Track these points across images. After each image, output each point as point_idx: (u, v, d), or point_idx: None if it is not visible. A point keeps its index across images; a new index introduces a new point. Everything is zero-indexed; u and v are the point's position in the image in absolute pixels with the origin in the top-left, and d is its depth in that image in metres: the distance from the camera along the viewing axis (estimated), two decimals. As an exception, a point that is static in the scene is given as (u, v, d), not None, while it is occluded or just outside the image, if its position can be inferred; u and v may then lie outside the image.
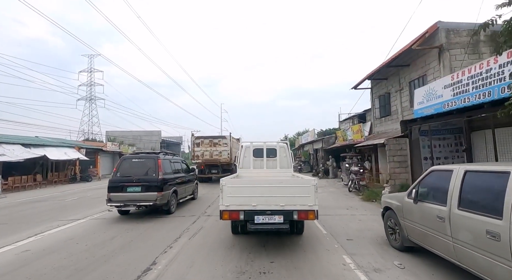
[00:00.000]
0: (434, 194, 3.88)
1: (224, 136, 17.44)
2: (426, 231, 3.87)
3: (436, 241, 3.67)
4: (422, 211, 3.98)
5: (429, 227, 3.80)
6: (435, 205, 3.69)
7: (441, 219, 3.50)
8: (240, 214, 4.64)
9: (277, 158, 7.48)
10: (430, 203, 3.83)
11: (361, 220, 7.16)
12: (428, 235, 3.84)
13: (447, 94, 7.86)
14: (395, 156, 10.07)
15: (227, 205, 4.67)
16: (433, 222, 3.68)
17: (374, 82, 15.67)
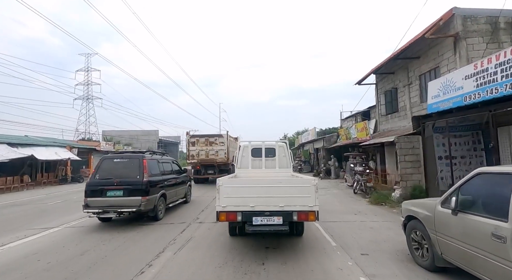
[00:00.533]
0: (485, 204, 3.00)
1: (220, 135, 16.53)
2: (471, 251, 3.00)
3: (487, 266, 2.79)
4: (466, 225, 3.10)
5: (476, 247, 2.92)
6: (488, 219, 2.81)
7: (499, 239, 2.62)
8: (238, 215, 4.48)
9: (276, 157, 7.30)
10: (479, 216, 2.95)
11: (372, 228, 6.28)
12: (474, 257, 2.96)
13: (468, 85, 6.99)
14: (406, 155, 9.19)
15: (224, 206, 4.48)
16: (484, 241, 2.81)
17: (380, 77, 14.79)
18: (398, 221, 6.90)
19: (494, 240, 2.67)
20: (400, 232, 5.83)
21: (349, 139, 15.70)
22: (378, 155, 14.89)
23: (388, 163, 12.30)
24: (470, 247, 3.01)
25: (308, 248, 5.00)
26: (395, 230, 6.06)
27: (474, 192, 3.18)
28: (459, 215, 3.20)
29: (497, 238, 2.64)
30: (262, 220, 4.47)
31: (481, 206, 3.03)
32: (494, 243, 2.67)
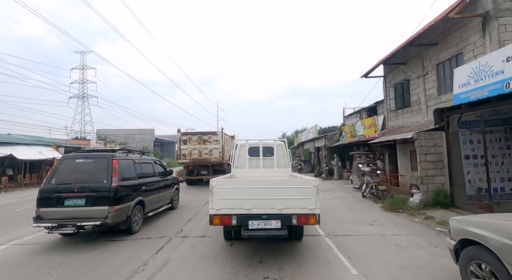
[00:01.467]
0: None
1: (215, 132, 15.21)
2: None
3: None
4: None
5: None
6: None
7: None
8: (233, 218, 4.22)
9: (274, 157, 7.05)
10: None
11: (398, 245, 5.00)
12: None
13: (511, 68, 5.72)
14: (427, 154, 7.92)
15: (218, 208, 4.21)
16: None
17: (389, 68, 13.52)
18: (425, 234, 5.72)
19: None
20: (435, 252, 4.59)
21: (354, 137, 14.43)
22: (386, 154, 13.64)
23: (401, 163, 11.04)
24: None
25: (321, 279, 3.71)
26: (427, 248, 4.80)
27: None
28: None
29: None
30: (259, 224, 4.19)
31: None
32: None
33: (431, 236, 5.54)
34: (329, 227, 6.29)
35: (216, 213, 4.20)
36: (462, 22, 8.68)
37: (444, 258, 4.31)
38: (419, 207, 7.60)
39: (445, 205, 7.45)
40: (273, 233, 4.15)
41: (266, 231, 4.17)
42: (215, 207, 4.21)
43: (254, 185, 4.46)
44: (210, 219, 4.23)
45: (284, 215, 4.20)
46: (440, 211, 7.19)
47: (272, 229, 4.18)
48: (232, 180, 5.25)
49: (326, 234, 5.72)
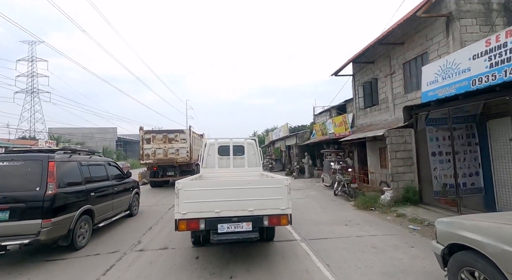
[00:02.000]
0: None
1: (182, 130, 14.21)
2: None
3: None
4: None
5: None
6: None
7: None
8: (200, 223, 4.01)
9: (245, 156, 6.87)
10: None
11: (375, 247, 4.75)
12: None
13: (478, 66, 5.81)
14: (397, 151, 7.97)
15: (184, 212, 3.97)
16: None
17: (358, 67, 13.71)
18: (400, 233, 5.52)
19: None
20: (413, 253, 4.40)
21: (325, 135, 14.46)
22: (355, 152, 13.85)
23: (371, 160, 11.18)
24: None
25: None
26: (404, 249, 4.61)
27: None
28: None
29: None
30: (229, 227, 4.00)
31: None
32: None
33: (405, 235, 5.42)
34: (304, 230, 5.91)
35: (182, 217, 3.93)
36: (427, 22, 8.91)
37: (423, 260, 4.12)
38: (390, 205, 7.60)
39: (415, 201, 7.54)
40: (244, 236, 3.97)
41: (236, 235, 3.98)
42: (181, 211, 3.93)
43: (224, 186, 4.22)
44: (175, 224, 3.95)
45: (255, 217, 4.05)
46: (410, 208, 7.23)
47: (243, 231, 4.01)
48: (200, 181, 4.92)
49: (302, 238, 5.32)
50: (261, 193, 4.15)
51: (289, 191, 4.18)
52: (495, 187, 7.11)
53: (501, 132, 6.81)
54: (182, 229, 3.97)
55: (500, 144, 6.86)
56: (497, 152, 6.99)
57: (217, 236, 3.97)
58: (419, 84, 9.60)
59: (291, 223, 4.23)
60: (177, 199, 3.96)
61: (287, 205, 4.13)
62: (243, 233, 4.01)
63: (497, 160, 7.03)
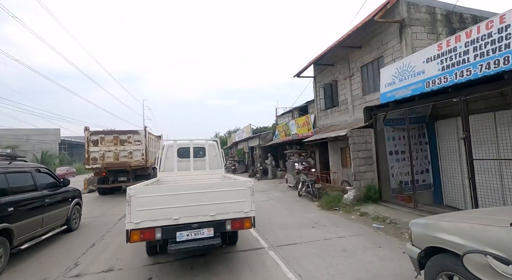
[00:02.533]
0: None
1: (136, 131, 12.91)
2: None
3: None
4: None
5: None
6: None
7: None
8: (157, 232, 3.65)
9: (206, 158, 6.62)
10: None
11: (346, 250, 4.59)
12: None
13: (431, 69, 6.14)
14: (359, 151, 8.14)
15: (137, 222, 3.57)
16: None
17: (319, 69, 14.02)
18: (366, 233, 5.44)
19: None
20: (382, 254, 4.33)
21: (288, 136, 14.48)
22: (317, 153, 14.13)
23: (333, 160, 11.41)
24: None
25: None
26: (373, 250, 4.53)
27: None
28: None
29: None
30: (188, 234, 3.77)
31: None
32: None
33: (371, 234, 5.41)
34: (271, 235, 5.56)
35: (135, 227, 3.57)
36: (382, 27, 9.36)
37: (392, 261, 4.05)
38: (353, 204, 7.71)
39: (375, 199, 7.76)
40: (205, 243, 3.74)
41: (197, 242, 3.74)
42: (133, 220, 3.58)
43: (183, 190, 3.93)
44: (127, 235, 3.58)
45: (217, 222, 3.88)
46: (372, 206, 7.40)
47: (204, 238, 3.80)
48: (155, 186, 4.51)
49: (269, 246, 4.95)
50: (223, 196, 3.97)
51: (252, 193, 4.07)
52: (442, 183, 7.65)
53: (447, 132, 7.34)
54: (135, 240, 3.61)
55: (447, 143, 7.39)
56: (444, 151, 7.53)
57: (176, 245, 3.66)
58: (376, 87, 10.08)
59: (254, 225, 4.11)
60: (129, 207, 3.60)
61: (251, 207, 4.02)
62: (204, 240, 3.79)
63: (444, 158, 7.58)
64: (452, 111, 7.27)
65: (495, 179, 5.85)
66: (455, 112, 7.16)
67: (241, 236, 5.58)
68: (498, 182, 5.83)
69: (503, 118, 5.73)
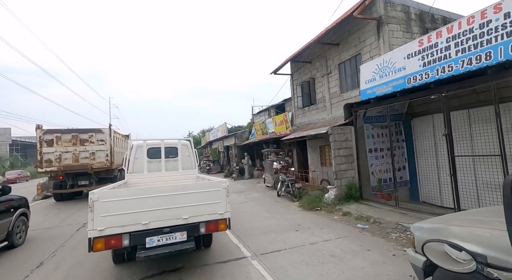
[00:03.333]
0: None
1: (99, 130, 11.66)
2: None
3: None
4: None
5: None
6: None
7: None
8: (124, 238, 3.43)
9: (178, 158, 6.42)
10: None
11: (334, 256, 4.27)
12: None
13: (412, 65, 6.08)
14: (340, 149, 7.97)
15: (102, 229, 3.32)
16: None
17: (296, 67, 13.82)
18: (352, 234, 5.17)
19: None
20: (372, 258, 4.06)
21: (266, 134, 14.13)
22: (294, 151, 13.94)
23: (312, 159, 11.24)
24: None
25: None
26: (363, 254, 4.26)
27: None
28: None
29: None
30: (160, 239, 3.57)
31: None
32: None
33: (357, 236, 5.17)
34: (253, 241, 5.09)
35: (99, 235, 3.32)
36: (360, 24, 9.33)
37: (384, 266, 3.80)
38: (335, 203, 7.51)
39: (356, 198, 7.63)
40: (178, 248, 3.56)
41: (169, 247, 3.55)
42: (97, 227, 3.33)
43: (153, 193, 3.68)
44: (89, 244, 3.32)
45: (190, 225, 3.74)
46: (353, 205, 7.25)
47: (177, 243, 3.63)
48: (122, 190, 4.23)
49: (252, 254, 4.47)
50: (197, 198, 3.84)
51: (227, 194, 4.00)
52: (418, 180, 7.74)
53: (423, 129, 7.41)
54: (99, 249, 3.35)
55: (423, 141, 7.47)
56: (420, 148, 7.61)
57: (145, 251, 3.43)
58: (354, 84, 10.06)
59: (230, 227, 4.03)
60: (92, 213, 3.35)
61: (226, 208, 3.95)
62: (177, 244, 3.61)
63: (420, 155, 7.66)
64: (428, 108, 7.37)
65: (471, 176, 5.94)
66: (431, 109, 7.28)
67: (220, 243, 5.06)
68: (473, 178, 5.93)
69: (476, 116, 5.83)
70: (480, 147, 5.71)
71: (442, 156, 6.75)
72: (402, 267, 3.70)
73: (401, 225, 5.36)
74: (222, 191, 3.97)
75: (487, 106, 5.23)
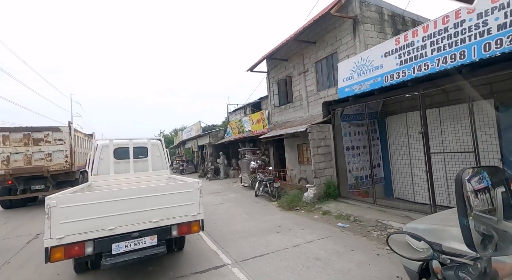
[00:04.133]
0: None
1: (57, 128, 10.47)
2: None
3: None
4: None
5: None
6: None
7: None
8: (87, 246, 3.21)
9: (148, 158, 6.19)
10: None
11: (319, 258, 4.08)
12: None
13: (389, 63, 6.14)
14: (319, 147, 7.89)
15: (61, 236, 3.08)
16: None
17: (272, 64, 13.65)
18: (334, 234, 5.04)
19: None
20: (357, 259, 3.94)
21: (242, 133, 13.79)
22: (271, 150, 13.79)
23: (289, 157, 11.13)
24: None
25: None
26: (347, 255, 4.13)
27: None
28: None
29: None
30: (128, 245, 3.36)
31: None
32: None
33: (339, 236, 5.07)
34: (233, 246, 4.75)
35: (57, 243, 3.07)
36: (336, 23, 9.37)
37: (370, 267, 3.69)
38: (314, 202, 7.42)
39: (335, 196, 7.61)
40: (148, 253, 3.40)
41: (137, 253, 3.38)
42: (55, 235, 3.08)
43: (121, 196, 3.50)
44: (46, 254, 3.07)
45: (161, 228, 3.60)
46: (332, 204, 7.21)
47: (147, 248, 3.47)
48: (85, 194, 3.80)
49: (233, 261, 4.13)
50: (168, 200, 3.70)
51: (200, 195, 3.93)
52: (392, 177, 7.94)
53: (397, 127, 7.59)
54: (58, 258, 3.09)
55: (396, 138, 7.66)
56: (394, 146, 7.81)
57: (111, 259, 3.23)
58: (330, 83, 10.11)
59: (203, 229, 3.94)
60: (49, 220, 3.09)
61: (199, 210, 3.87)
62: (147, 249, 3.45)
63: (394, 152, 7.86)
64: (401, 107, 7.57)
65: (443, 172, 6.15)
66: (404, 108, 7.47)
67: (197, 250, 4.66)
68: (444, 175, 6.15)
69: (446, 114, 6.04)
70: (449, 144, 5.93)
71: (415, 153, 6.96)
72: (388, 267, 3.61)
73: (381, 222, 5.36)
74: (195, 192, 3.87)
75: (458, 104, 5.41)
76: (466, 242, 1.06)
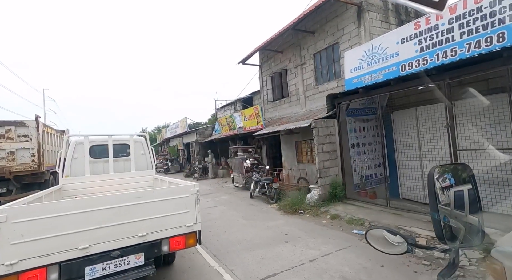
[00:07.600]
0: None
1: (21, 122, 9.08)
2: None
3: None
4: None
5: None
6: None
7: None
8: (50, 272, 2.52)
9: (131, 157, 5.53)
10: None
11: (345, 277, 3.34)
12: None
13: (407, 50, 5.51)
14: (324, 144, 7.19)
15: (13, 262, 2.39)
16: None
17: (265, 57, 12.83)
18: (352, 244, 4.30)
19: None
20: (391, 278, 3.22)
21: (233, 130, 12.89)
22: (264, 148, 13.01)
23: (286, 155, 10.38)
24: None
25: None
26: (379, 273, 3.43)
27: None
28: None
29: None
30: (106, 268, 2.72)
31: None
32: None
33: (359, 246, 4.36)
34: (238, 262, 3.92)
35: (8, 271, 2.34)
36: (338, 11, 8.72)
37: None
38: (319, 204, 6.72)
39: (341, 198, 6.96)
40: (133, 276, 2.77)
41: (119, 277, 2.72)
42: (5, 261, 2.33)
43: (97, 205, 2.78)
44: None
45: (149, 244, 2.96)
46: (340, 206, 6.55)
47: (130, 269, 2.81)
48: (46, 204, 3.04)
49: (239, 285, 3.31)
50: (158, 208, 3.06)
51: (197, 201, 3.33)
52: (398, 175, 7.41)
53: (404, 123, 7.06)
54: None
55: (404, 135, 7.13)
56: (401, 142, 7.27)
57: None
58: (330, 75, 9.46)
59: (200, 242, 3.33)
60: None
61: (195, 219, 3.26)
62: (131, 271, 2.81)
63: (400, 150, 7.33)
64: (409, 101, 7.04)
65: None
66: (412, 102, 6.96)
67: (194, 267, 3.79)
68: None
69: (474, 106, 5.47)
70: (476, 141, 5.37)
71: (428, 151, 6.43)
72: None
73: (403, 229, 4.73)
74: (191, 198, 3.27)
75: (495, 94, 4.82)
76: (437, 235, 1.09)
